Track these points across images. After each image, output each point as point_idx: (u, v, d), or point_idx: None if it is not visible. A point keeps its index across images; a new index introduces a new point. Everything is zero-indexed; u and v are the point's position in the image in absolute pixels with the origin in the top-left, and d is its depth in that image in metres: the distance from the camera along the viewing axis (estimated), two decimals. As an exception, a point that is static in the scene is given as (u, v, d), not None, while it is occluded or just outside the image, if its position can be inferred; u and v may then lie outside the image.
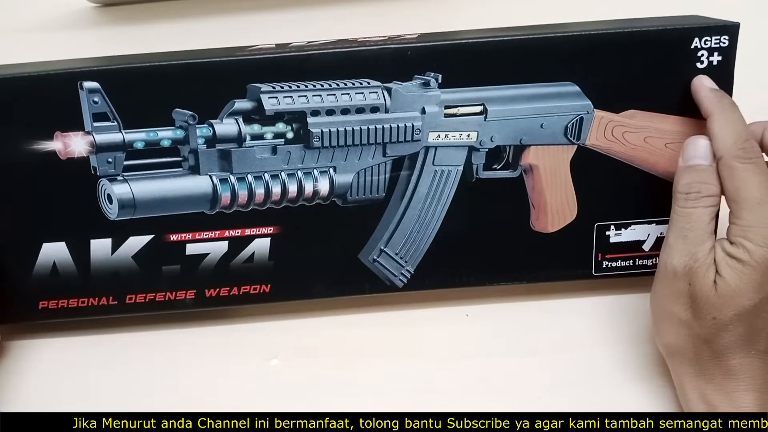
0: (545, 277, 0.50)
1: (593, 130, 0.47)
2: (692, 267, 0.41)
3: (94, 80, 0.43)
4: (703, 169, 0.43)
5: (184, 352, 0.49)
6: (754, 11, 0.52)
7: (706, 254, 0.41)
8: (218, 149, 0.45)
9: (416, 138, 0.46)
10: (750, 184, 0.41)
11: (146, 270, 0.47)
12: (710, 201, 0.42)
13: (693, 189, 0.42)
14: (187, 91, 0.44)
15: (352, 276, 0.48)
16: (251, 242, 0.47)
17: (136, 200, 0.45)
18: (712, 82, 0.45)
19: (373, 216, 0.47)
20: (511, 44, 0.45)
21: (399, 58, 0.44)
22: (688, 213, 0.42)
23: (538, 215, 0.48)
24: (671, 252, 0.42)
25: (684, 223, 0.42)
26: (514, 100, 0.46)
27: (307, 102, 0.44)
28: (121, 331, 0.50)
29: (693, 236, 0.42)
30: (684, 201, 0.43)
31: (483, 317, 0.50)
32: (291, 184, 0.46)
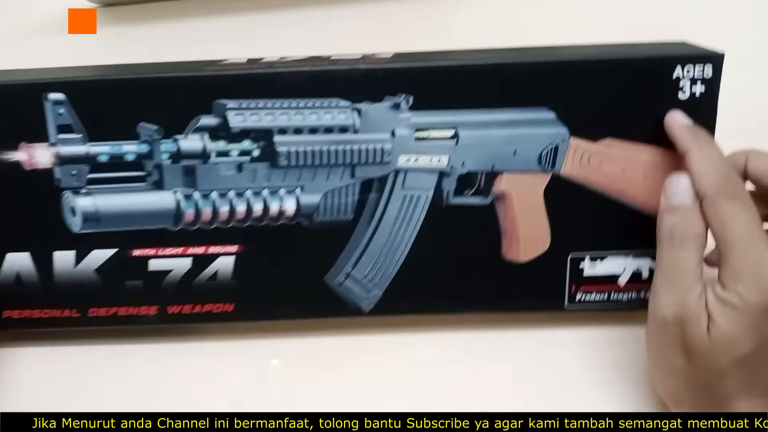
0: (516, 308, 0.48)
1: (569, 158, 0.45)
2: (683, 316, 0.40)
3: (60, 91, 0.43)
4: (685, 209, 0.41)
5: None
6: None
7: (696, 301, 0.39)
8: (183, 165, 0.44)
9: (386, 160, 0.45)
10: (737, 223, 0.39)
11: (109, 284, 0.47)
12: (696, 243, 0.40)
13: (677, 231, 0.41)
14: (152, 106, 0.43)
15: (317, 298, 0.47)
16: (215, 260, 0.46)
17: (100, 213, 0.44)
18: (685, 118, 0.43)
19: (341, 238, 0.46)
20: (484, 68, 0.44)
21: (369, 79, 0.43)
22: (674, 258, 0.41)
23: (510, 244, 0.47)
24: (659, 300, 0.41)
25: (670, 268, 0.41)
26: (486, 126, 0.45)
27: (274, 120, 0.44)
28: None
29: (681, 282, 0.40)
30: (669, 245, 0.41)
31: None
32: (256, 203, 0.45)
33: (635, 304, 0.48)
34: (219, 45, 0.50)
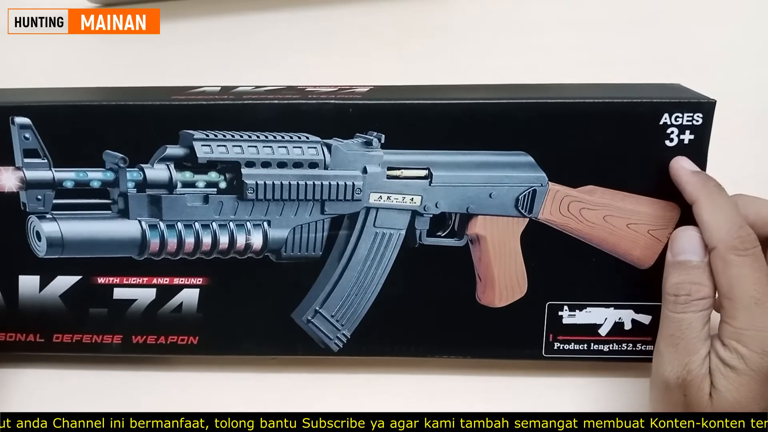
0: (491, 354, 0.47)
1: (547, 203, 0.43)
2: (686, 379, 0.38)
3: (26, 115, 0.42)
4: (694, 267, 0.39)
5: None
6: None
7: (700, 364, 0.38)
8: (148, 194, 0.43)
9: (356, 197, 0.43)
10: (746, 281, 0.37)
11: (73, 311, 0.46)
12: (702, 304, 0.38)
13: (682, 291, 0.39)
14: (118, 133, 0.43)
15: (284, 335, 0.46)
16: (180, 292, 0.45)
17: (65, 239, 0.43)
18: (692, 164, 0.41)
19: (309, 275, 0.45)
20: (460, 108, 0.42)
21: (340, 115, 0.42)
22: (679, 319, 0.38)
23: (485, 288, 0.45)
24: (662, 361, 0.39)
25: (674, 329, 0.39)
26: (461, 167, 0.43)
27: (242, 152, 0.42)
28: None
29: (684, 344, 0.38)
30: (674, 305, 0.39)
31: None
32: (222, 236, 0.44)
33: (617, 356, 0.46)
34: (218, 44, 0.49)
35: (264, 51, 0.54)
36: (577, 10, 0.51)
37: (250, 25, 0.54)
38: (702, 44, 0.50)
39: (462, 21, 0.52)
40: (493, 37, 0.52)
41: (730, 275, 0.37)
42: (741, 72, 0.50)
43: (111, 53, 0.56)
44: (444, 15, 0.53)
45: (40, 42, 0.56)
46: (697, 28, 0.51)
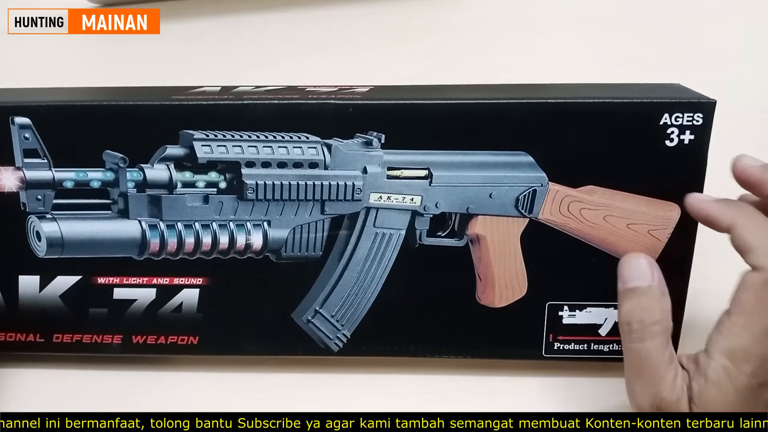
0: (491, 354, 0.47)
1: (547, 203, 0.43)
2: (659, 406, 0.37)
3: (26, 115, 0.42)
4: (642, 292, 0.38)
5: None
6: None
7: (670, 389, 0.37)
8: (148, 194, 0.43)
9: (356, 198, 0.43)
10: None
11: (73, 311, 0.46)
12: (657, 330, 0.38)
13: (635, 318, 0.38)
14: (119, 133, 0.43)
15: (284, 336, 0.46)
16: (179, 292, 0.45)
17: (65, 239, 0.43)
18: (710, 197, 0.40)
19: (309, 275, 0.45)
20: (460, 108, 0.42)
21: (339, 115, 0.42)
22: (637, 349, 0.38)
23: (485, 288, 0.45)
24: (633, 392, 0.39)
25: (635, 360, 0.38)
26: (461, 167, 0.43)
27: (242, 152, 0.42)
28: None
29: (649, 373, 0.38)
30: (629, 335, 0.38)
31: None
32: (222, 236, 0.44)
33: (617, 356, 0.45)
34: (218, 44, 0.49)
35: (264, 51, 0.54)
36: (577, 10, 0.51)
37: (250, 25, 0.54)
38: (702, 44, 0.50)
39: (462, 21, 0.52)
40: (493, 37, 0.52)
41: (761, 298, 0.36)
42: (741, 72, 0.50)
43: (111, 53, 0.56)
44: (444, 15, 0.53)
45: (40, 42, 0.56)
46: (697, 28, 0.51)
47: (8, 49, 0.57)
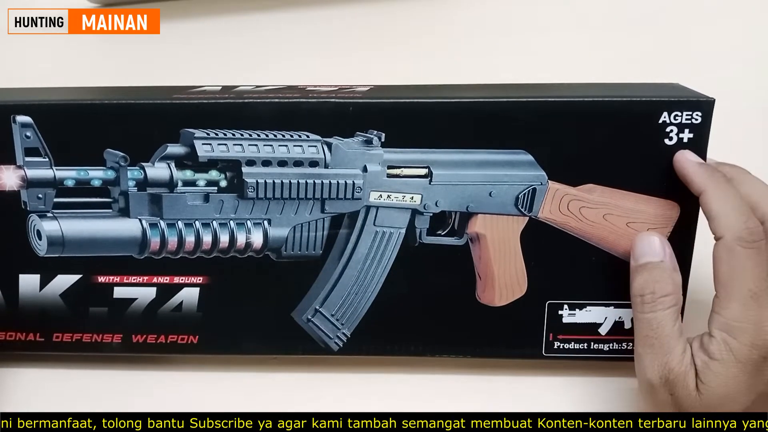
0: (491, 353, 0.47)
1: (547, 202, 0.43)
2: (668, 378, 0.38)
3: (27, 114, 0.42)
4: (654, 266, 0.40)
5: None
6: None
7: (679, 360, 0.38)
8: (149, 193, 0.43)
9: (357, 196, 0.43)
10: (747, 273, 0.37)
11: (73, 310, 0.46)
12: (669, 301, 0.39)
13: (647, 290, 0.39)
14: (119, 132, 0.43)
15: (284, 334, 0.46)
16: (180, 291, 0.45)
17: (65, 238, 0.43)
18: (697, 157, 0.41)
19: (309, 273, 0.45)
20: (460, 107, 0.42)
21: (340, 114, 0.42)
22: (648, 319, 0.39)
23: (485, 287, 0.45)
24: (642, 364, 0.39)
25: (647, 330, 0.39)
26: (461, 166, 0.43)
27: (242, 151, 0.43)
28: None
29: (660, 344, 0.39)
30: (641, 305, 0.40)
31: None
32: (222, 234, 0.44)
33: (617, 355, 0.46)
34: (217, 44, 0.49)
35: (264, 51, 0.54)
36: (577, 9, 0.52)
37: (251, 24, 0.54)
38: (702, 44, 0.51)
39: (462, 21, 0.53)
40: (492, 36, 0.52)
41: (732, 266, 0.37)
42: (741, 71, 0.50)
43: (111, 53, 0.56)
44: (444, 15, 0.53)
45: (40, 42, 0.56)
46: (697, 28, 0.51)
47: (8, 49, 0.57)
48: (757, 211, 0.39)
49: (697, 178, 0.40)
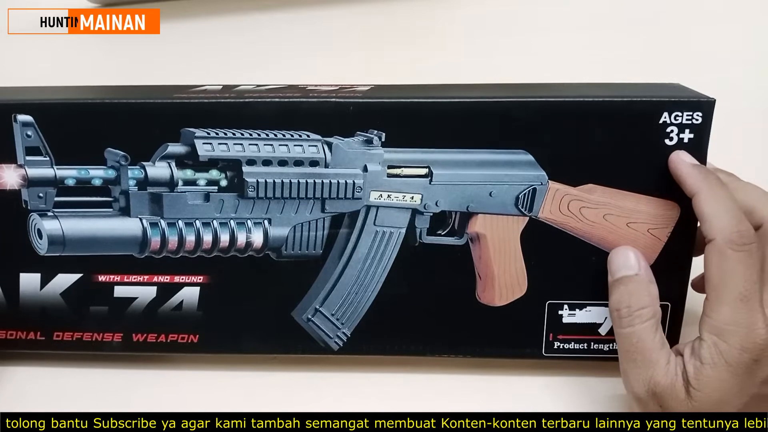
0: (491, 353, 0.47)
1: (547, 202, 0.43)
2: (655, 391, 0.38)
3: (29, 113, 0.42)
4: (629, 280, 0.40)
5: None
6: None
7: (664, 372, 0.38)
8: (149, 192, 0.43)
9: (357, 196, 0.44)
10: (738, 276, 0.37)
11: (74, 308, 0.46)
12: (646, 314, 0.39)
13: (623, 305, 0.40)
14: (120, 131, 0.43)
15: (284, 334, 0.46)
16: (180, 290, 0.45)
17: (66, 237, 0.43)
18: (692, 158, 0.41)
19: (309, 273, 0.45)
20: (460, 107, 0.42)
21: (340, 113, 0.42)
22: (628, 334, 0.39)
23: (485, 287, 0.45)
24: (628, 380, 0.40)
25: (627, 345, 0.39)
26: (461, 165, 0.43)
27: (243, 150, 0.43)
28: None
29: (642, 358, 0.39)
30: (618, 320, 0.40)
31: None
32: (223, 234, 0.44)
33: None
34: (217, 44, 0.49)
35: (265, 51, 0.54)
36: (577, 10, 0.52)
37: (251, 24, 0.54)
38: (702, 44, 0.51)
39: (461, 21, 0.53)
40: (492, 36, 0.52)
41: (723, 268, 0.37)
42: (741, 72, 0.50)
43: (111, 53, 0.56)
44: (444, 15, 0.53)
45: (40, 42, 0.57)
46: (697, 28, 0.51)
47: (8, 49, 0.57)
48: (754, 215, 0.39)
49: (690, 179, 0.40)
